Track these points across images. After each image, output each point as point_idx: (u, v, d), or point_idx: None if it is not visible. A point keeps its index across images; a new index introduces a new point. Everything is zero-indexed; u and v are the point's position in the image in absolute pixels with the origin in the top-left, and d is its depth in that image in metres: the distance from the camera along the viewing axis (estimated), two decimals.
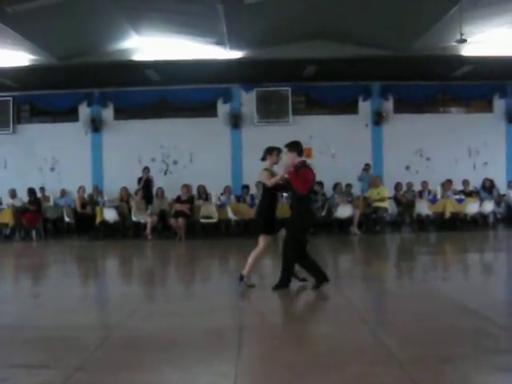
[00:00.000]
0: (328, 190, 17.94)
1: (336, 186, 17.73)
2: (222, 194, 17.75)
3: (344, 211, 16.94)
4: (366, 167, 18.81)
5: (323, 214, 17.13)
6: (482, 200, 17.69)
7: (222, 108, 19.70)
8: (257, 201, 15.46)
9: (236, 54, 16.21)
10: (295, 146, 8.62)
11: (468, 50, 16.23)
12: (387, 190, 17.65)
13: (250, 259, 8.46)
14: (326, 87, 19.39)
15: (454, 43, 14.82)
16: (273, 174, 8.49)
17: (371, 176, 18.50)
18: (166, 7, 13.16)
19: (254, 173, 18.06)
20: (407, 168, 19.68)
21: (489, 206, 17.73)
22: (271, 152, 8.67)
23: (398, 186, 18.02)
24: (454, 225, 17.40)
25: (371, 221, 17.23)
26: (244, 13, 13.06)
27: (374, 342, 5.60)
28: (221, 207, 16.93)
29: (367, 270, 11.26)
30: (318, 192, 17.44)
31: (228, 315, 6.99)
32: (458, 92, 20.04)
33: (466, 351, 5.31)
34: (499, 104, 20.46)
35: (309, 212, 8.69)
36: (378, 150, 19.90)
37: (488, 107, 20.62)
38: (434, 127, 19.34)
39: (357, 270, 11.40)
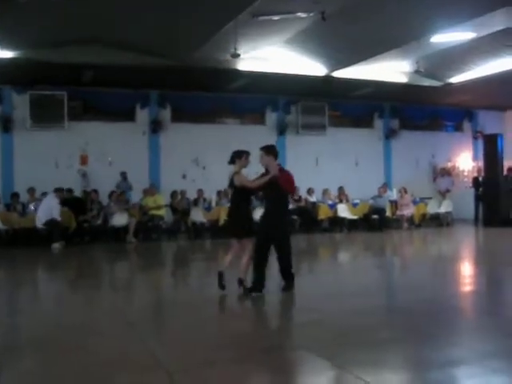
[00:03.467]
0: (104, 197, 17.65)
1: (111, 193, 17.49)
2: None
3: (120, 219, 16.77)
4: (124, 175, 18.73)
5: (99, 222, 16.84)
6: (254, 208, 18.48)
7: None
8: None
9: (8, 54, 15.36)
10: (272, 150, 8.60)
11: (243, 65, 16.90)
12: (163, 198, 17.78)
13: (244, 263, 8.35)
14: (103, 93, 19.03)
15: (230, 57, 15.35)
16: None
17: (129, 184, 18.55)
18: None
19: (27, 179, 17.45)
20: (184, 176, 19.94)
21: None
22: (241, 155, 8.53)
23: (173, 194, 18.21)
24: None
25: (147, 229, 17.27)
26: (17, 10, 12.41)
27: (144, 351, 5.58)
28: None
29: (142, 279, 11.28)
30: (94, 200, 17.15)
31: None
32: (233, 104, 20.77)
33: (232, 354, 5.49)
34: (271, 117, 21.56)
35: (287, 212, 8.91)
36: (155, 157, 19.95)
37: (261, 119, 21.60)
38: (210, 137, 19.84)
39: (131, 279, 11.35)
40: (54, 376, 4.89)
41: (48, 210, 15.75)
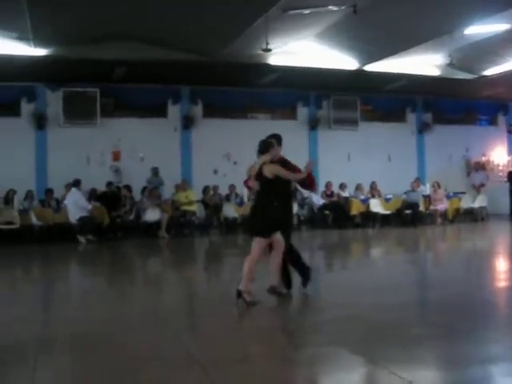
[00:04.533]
0: (136, 193, 17.73)
1: (144, 189, 17.58)
2: (24, 199, 16.86)
3: (152, 215, 16.84)
4: (155, 170, 18.81)
5: (131, 217, 16.92)
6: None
7: (26, 107, 18.68)
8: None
9: (41, 52, 15.51)
10: (280, 140, 8.04)
11: (274, 60, 16.86)
12: (195, 194, 17.83)
13: (276, 266, 7.54)
14: (135, 89, 19.14)
15: (261, 52, 15.32)
16: None
17: (160, 179, 18.62)
18: None
19: (60, 176, 17.62)
20: (215, 172, 19.95)
21: (293, 209, 18.47)
22: (273, 144, 7.80)
23: (205, 190, 18.25)
24: None
25: (180, 224, 17.32)
26: (50, 8, 12.52)
27: (178, 347, 5.58)
28: (23, 212, 16.10)
29: (175, 275, 11.31)
30: (127, 196, 17.23)
31: (26, 328, 6.49)
32: (264, 99, 20.73)
33: (266, 349, 5.47)
34: (302, 111, 21.47)
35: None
36: (186, 153, 20.02)
37: (292, 114, 21.53)
38: (241, 132, 19.77)
39: (164, 275, 11.40)
40: (87, 370, 4.91)
41: (75, 204, 15.97)
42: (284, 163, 7.87)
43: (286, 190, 8.02)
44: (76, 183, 16.47)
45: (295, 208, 18.30)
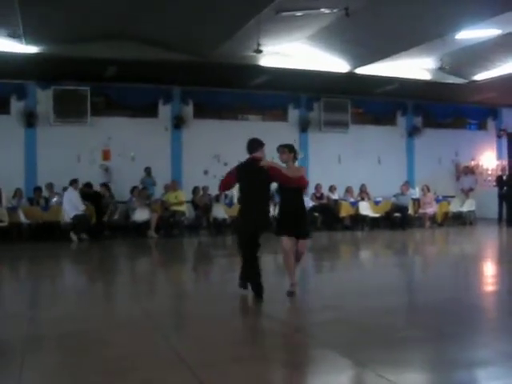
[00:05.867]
0: (126, 193, 17.69)
1: (133, 189, 17.53)
2: (13, 197, 16.78)
3: (141, 215, 16.81)
4: (148, 170, 18.82)
5: (115, 217, 16.92)
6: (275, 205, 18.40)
7: (16, 105, 18.58)
8: None
9: (32, 49, 15.44)
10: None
11: (266, 61, 16.86)
12: (184, 194, 17.81)
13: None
14: (126, 89, 19.08)
15: (252, 53, 15.31)
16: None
17: (153, 180, 18.67)
18: None
19: (50, 174, 17.57)
20: (205, 172, 19.92)
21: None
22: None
23: (195, 190, 18.23)
24: None
25: (169, 224, 17.30)
26: (42, 5, 12.48)
27: (166, 347, 5.56)
28: (12, 210, 16.03)
29: (164, 274, 11.30)
30: (105, 195, 17.21)
31: (13, 326, 6.48)
32: (255, 100, 20.72)
33: (254, 351, 5.46)
34: (293, 113, 21.48)
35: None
36: (177, 153, 19.99)
37: (283, 116, 21.54)
38: (231, 133, 19.74)
39: (153, 275, 11.36)
40: (75, 369, 4.89)
41: (71, 203, 15.92)
42: None
43: None
44: (72, 182, 16.41)
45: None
